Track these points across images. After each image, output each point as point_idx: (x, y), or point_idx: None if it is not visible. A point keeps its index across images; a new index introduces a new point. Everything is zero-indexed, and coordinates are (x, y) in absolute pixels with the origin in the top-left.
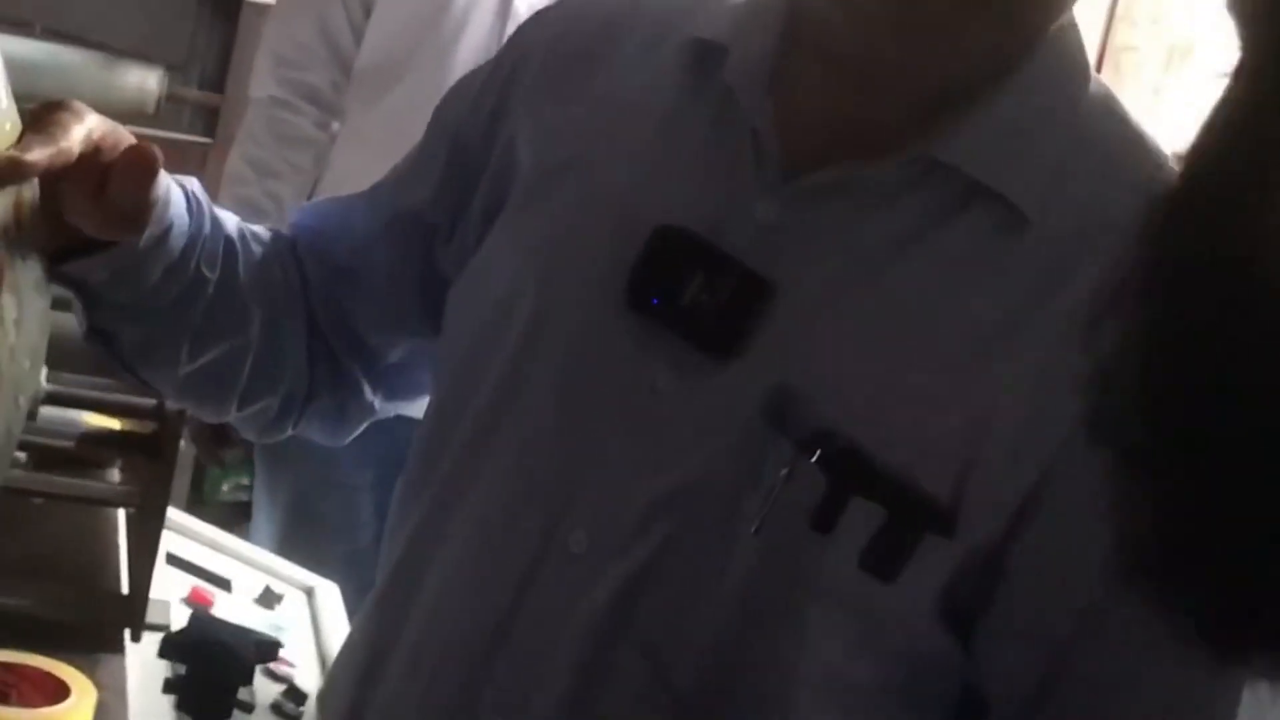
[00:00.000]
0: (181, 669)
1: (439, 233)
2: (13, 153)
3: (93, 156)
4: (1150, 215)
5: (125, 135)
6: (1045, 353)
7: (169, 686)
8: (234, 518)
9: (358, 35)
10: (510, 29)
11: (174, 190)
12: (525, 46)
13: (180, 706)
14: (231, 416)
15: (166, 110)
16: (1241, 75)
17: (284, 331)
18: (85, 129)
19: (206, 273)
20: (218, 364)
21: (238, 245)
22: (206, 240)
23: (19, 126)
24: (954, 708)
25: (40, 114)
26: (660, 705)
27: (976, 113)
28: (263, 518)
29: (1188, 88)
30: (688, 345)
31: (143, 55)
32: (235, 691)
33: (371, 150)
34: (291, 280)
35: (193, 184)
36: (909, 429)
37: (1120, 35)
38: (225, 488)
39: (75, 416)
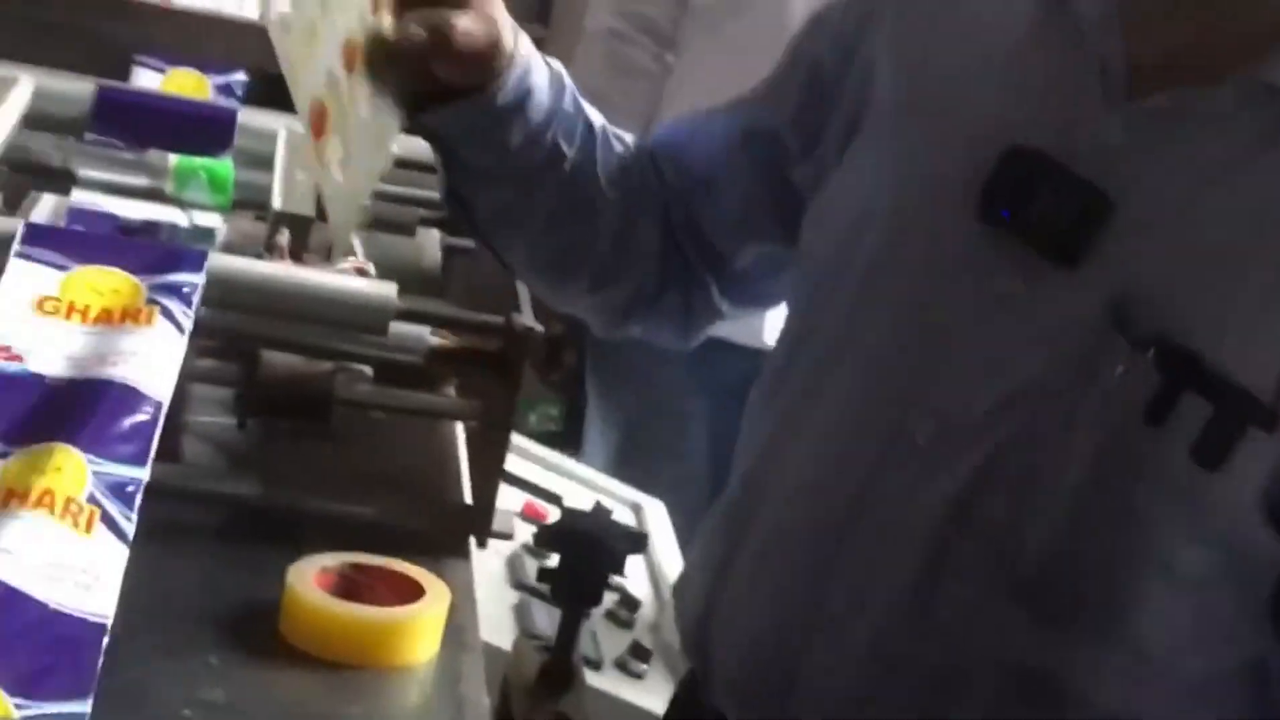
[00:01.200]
0: (552, 561)
1: (793, 153)
2: (387, 41)
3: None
4: None
5: None
6: None
7: (543, 575)
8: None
9: None
10: None
11: (538, 61)
12: None
13: (555, 594)
14: (580, 303)
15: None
16: None
17: (638, 223)
18: None
19: (564, 147)
20: (570, 243)
21: (598, 133)
22: (566, 117)
23: None
24: None
25: None
26: (1002, 592)
27: None
28: (597, 441)
29: None
30: (1035, 255)
31: None
32: (606, 579)
33: (708, 85)
34: (649, 180)
35: (558, 66)
36: (1237, 331)
37: None
38: (533, 418)
39: (422, 333)
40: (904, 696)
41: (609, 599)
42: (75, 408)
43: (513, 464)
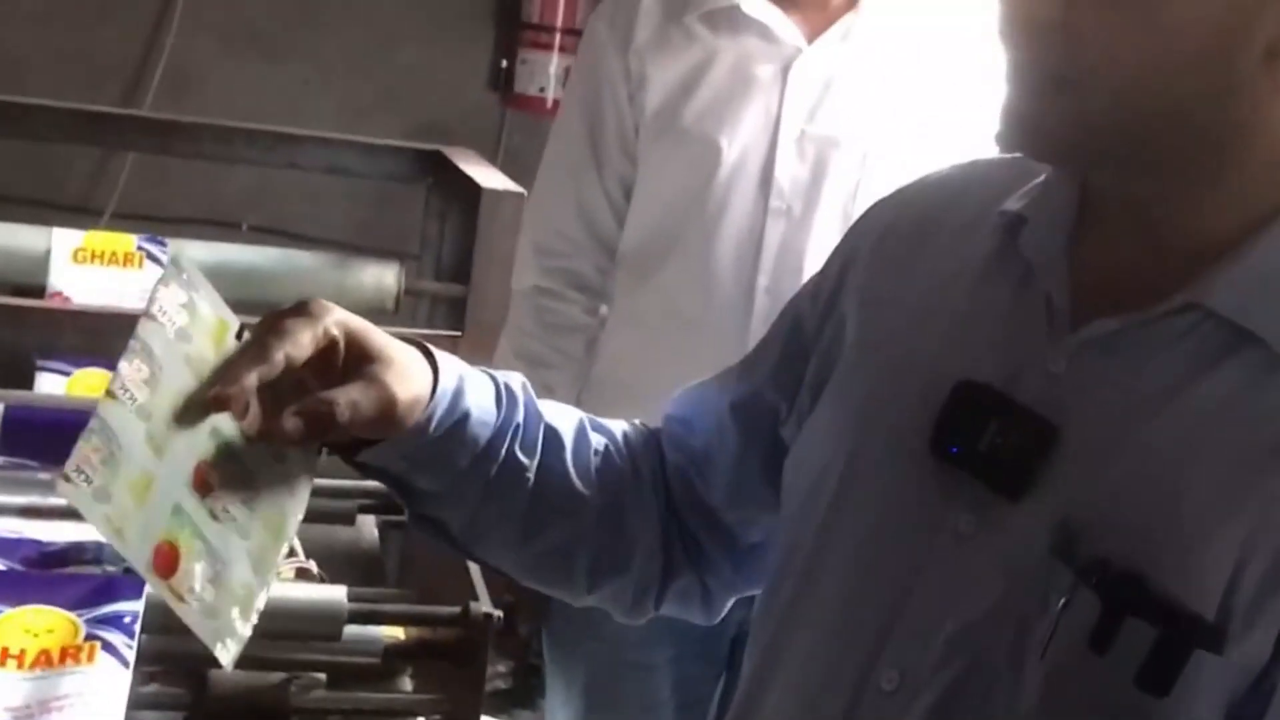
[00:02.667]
0: None
1: (780, 412)
2: (214, 391)
3: (328, 356)
4: None
5: (372, 334)
6: None
7: None
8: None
9: (619, 218)
10: (774, 202)
11: (474, 381)
12: (859, 236)
13: None
14: (583, 600)
15: (406, 305)
16: None
17: (628, 519)
18: (316, 331)
19: (523, 459)
20: (552, 547)
21: (566, 437)
22: (521, 429)
23: (232, 326)
24: None
25: (268, 321)
26: None
27: (1241, 262)
28: (558, 702)
29: None
30: (985, 488)
31: (372, 248)
32: None
33: (643, 331)
34: (642, 469)
35: (512, 378)
36: (1178, 554)
37: None
38: None
39: (376, 633)
40: None
41: None
42: None
43: None
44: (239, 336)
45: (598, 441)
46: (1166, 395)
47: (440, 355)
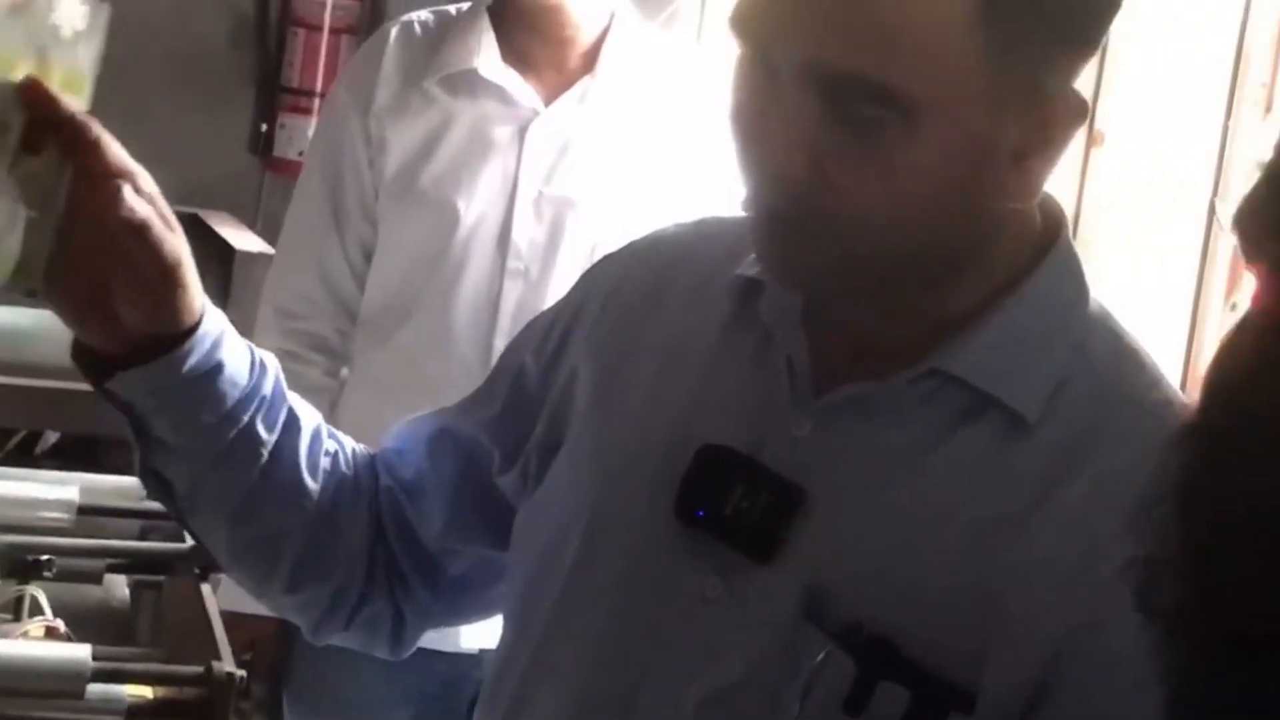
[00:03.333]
0: None
1: (496, 460)
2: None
3: (128, 217)
4: (1177, 439)
5: (175, 235)
6: (1050, 544)
7: None
8: None
9: (360, 281)
10: (511, 263)
11: (234, 341)
12: (589, 289)
13: None
14: (282, 601)
15: None
16: (1259, 302)
17: (341, 522)
18: (130, 169)
19: (262, 433)
20: (266, 534)
21: (305, 426)
22: (267, 402)
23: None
24: None
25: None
26: None
27: (982, 330)
28: None
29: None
30: (732, 551)
31: None
32: None
33: (382, 392)
34: (361, 481)
35: (269, 356)
36: (928, 618)
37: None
38: None
39: (120, 692)
40: None
41: None
42: None
43: None
44: None
45: (330, 444)
46: (912, 459)
47: (208, 303)
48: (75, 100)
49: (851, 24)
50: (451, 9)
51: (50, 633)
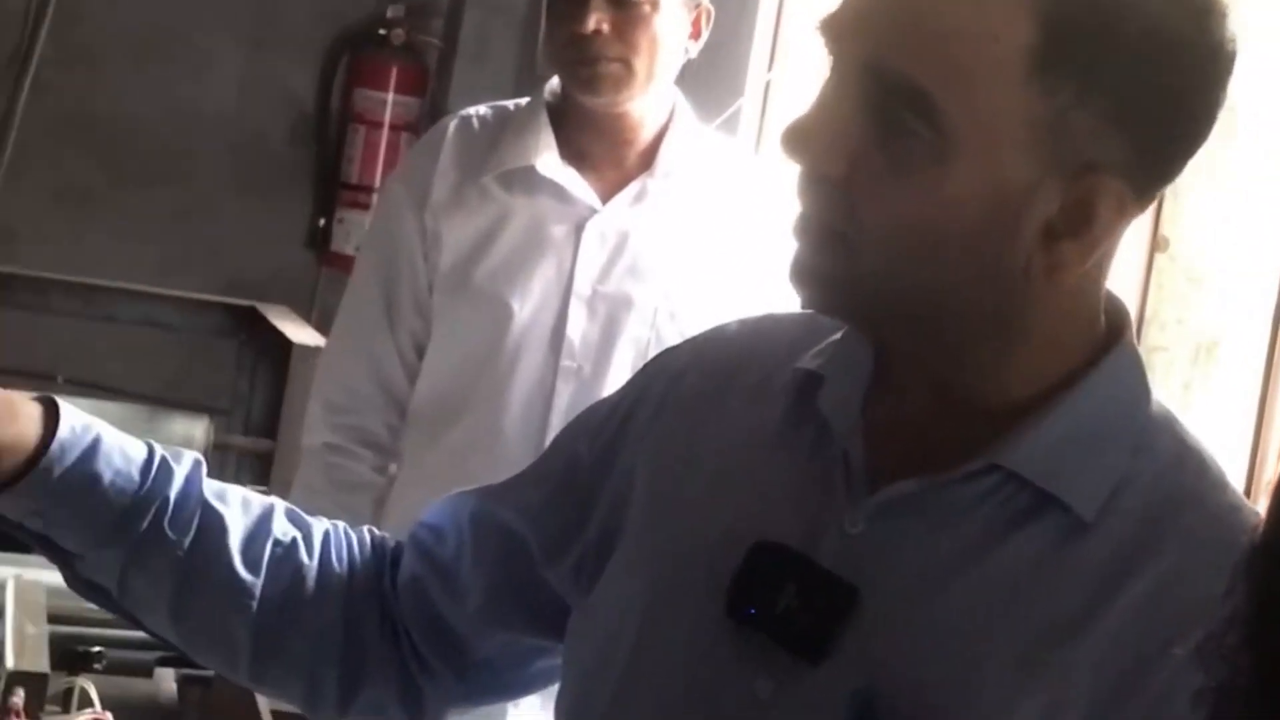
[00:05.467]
0: None
1: (536, 546)
2: None
3: None
4: (1245, 563)
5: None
6: (1109, 646)
7: None
8: None
9: (411, 377)
10: (565, 361)
11: (118, 450)
12: (649, 382)
13: None
14: (252, 686)
15: (214, 458)
16: None
17: (303, 611)
18: None
19: (171, 534)
20: (210, 629)
21: (231, 521)
22: (171, 504)
23: None
24: None
25: None
26: None
27: (1041, 424)
28: None
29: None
30: (783, 651)
31: (186, 402)
32: None
33: (432, 490)
34: (341, 571)
35: (186, 456)
36: (982, 717)
37: (1150, 338)
38: None
39: None
40: None
41: None
42: None
43: None
44: None
45: (284, 533)
46: (968, 558)
47: (68, 410)
48: None
49: (913, 31)
50: (510, 104)
51: None
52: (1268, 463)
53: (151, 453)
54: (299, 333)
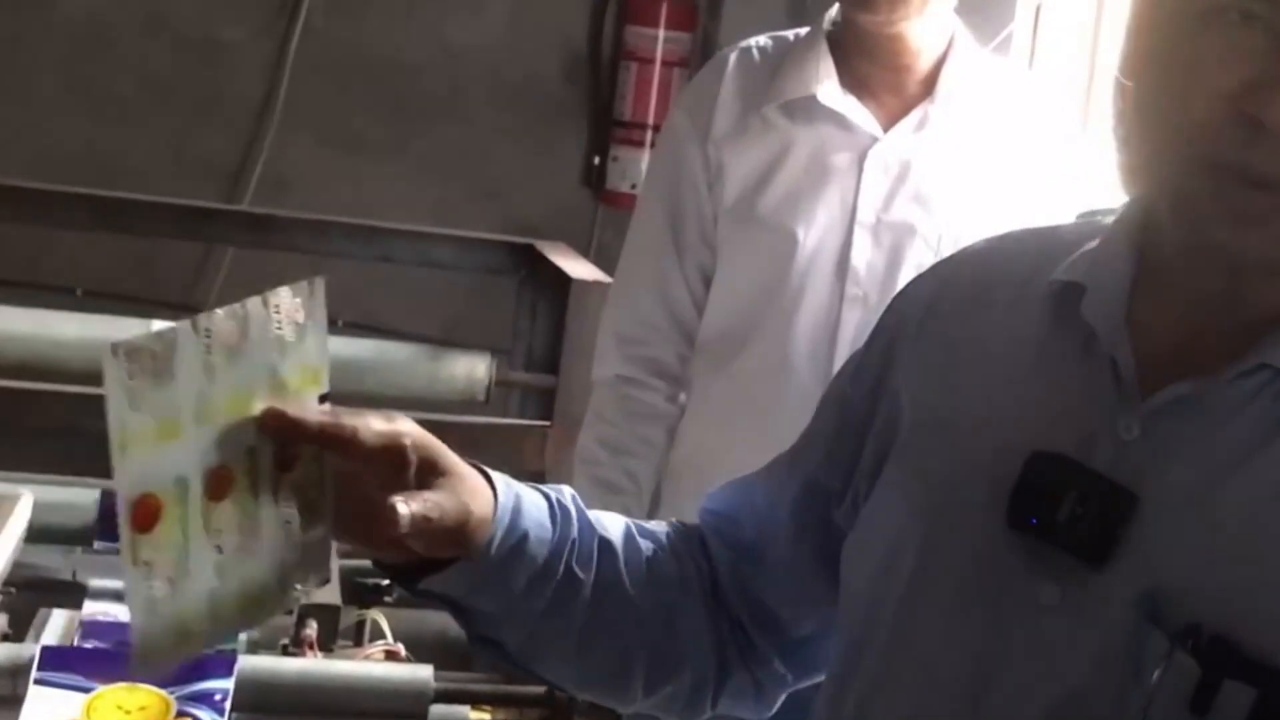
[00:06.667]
0: None
1: (834, 496)
2: (277, 410)
3: (392, 457)
4: None
5: (442, 450)
6: None
7: None
8: None
9: (699, 307)
10: (850, 289)
11: (529, 500)
12: (903, 311)
13: None
14: (643, 705)
15: (498, 396)
16: None
17: (680, 623)
18: (388, 428)
19: (580, 574)
20: (611, 658)
21: (618, 545)
22: (577, 543)
23: (322, 383)
24: None
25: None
26: None
27: None
28: None
29: None
30: (1067, 558)
31: (465, 343)
32: None
33: (721, 419)
34: (688, 571)
35: (563, 491)
36: (1269, 615)
37: None
38: None
39: (464, 713)
40: None
41: None
42: None
43: None
44: (321, 400)
45: (646, 548)
46: (1244, 456)
47: (495, 475)
48: (314, 395)
49: None
50: (789, 34)
51: (390, 656)
52: None
53: (545, 495)
54: (578, 268)
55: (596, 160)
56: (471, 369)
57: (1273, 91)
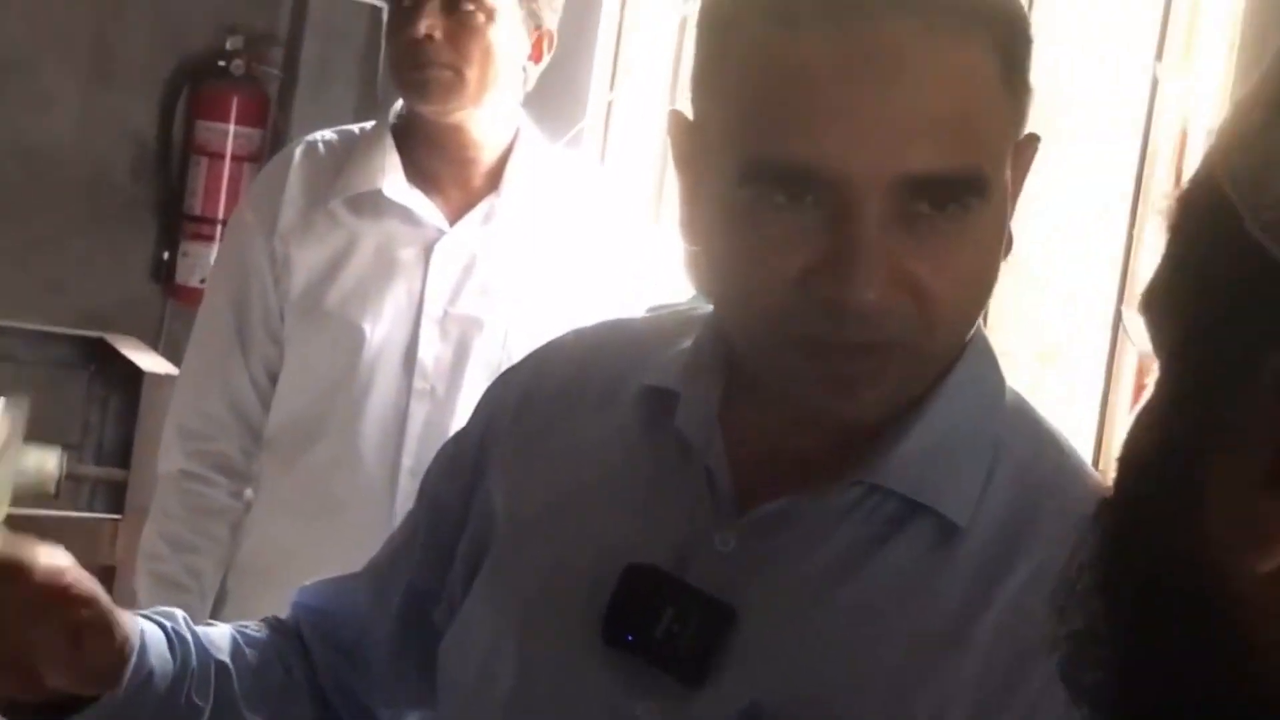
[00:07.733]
0: None
1: (429, 597)
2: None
3: (63, 600)
4: (1095, 518)
5: (95, 586)
6: (990, 645)
7: None
8: None
9: (265, 402)
10: (418, 383)
11: (151, 633)
12: (494, 408)
13: None
14: None
15: (68, 489)
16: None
17: None
18: (55, 565)
19: (199, 702)
20: None
21: (230, 665)
22: (195, 672)
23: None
24: None
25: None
26: None
27: (904, 436)
28: None
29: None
30: (665, 676)
31: (34, 436)
32: None
33: (290, 515)
34: (296, 676)
35: (175, 617)
36: None
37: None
38: None
39: None
40: None
41: None
42: None
43: None
44: None
45: (254, 659)
46: (842, 570)
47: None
48: None
49: (935, 128)
50: (355, 129)
51: None
52: (1109, 468)
53: (160, 625)
54: (149, 361)
55: (166, 255)
56: (42, 463)
57: (836, 269)
